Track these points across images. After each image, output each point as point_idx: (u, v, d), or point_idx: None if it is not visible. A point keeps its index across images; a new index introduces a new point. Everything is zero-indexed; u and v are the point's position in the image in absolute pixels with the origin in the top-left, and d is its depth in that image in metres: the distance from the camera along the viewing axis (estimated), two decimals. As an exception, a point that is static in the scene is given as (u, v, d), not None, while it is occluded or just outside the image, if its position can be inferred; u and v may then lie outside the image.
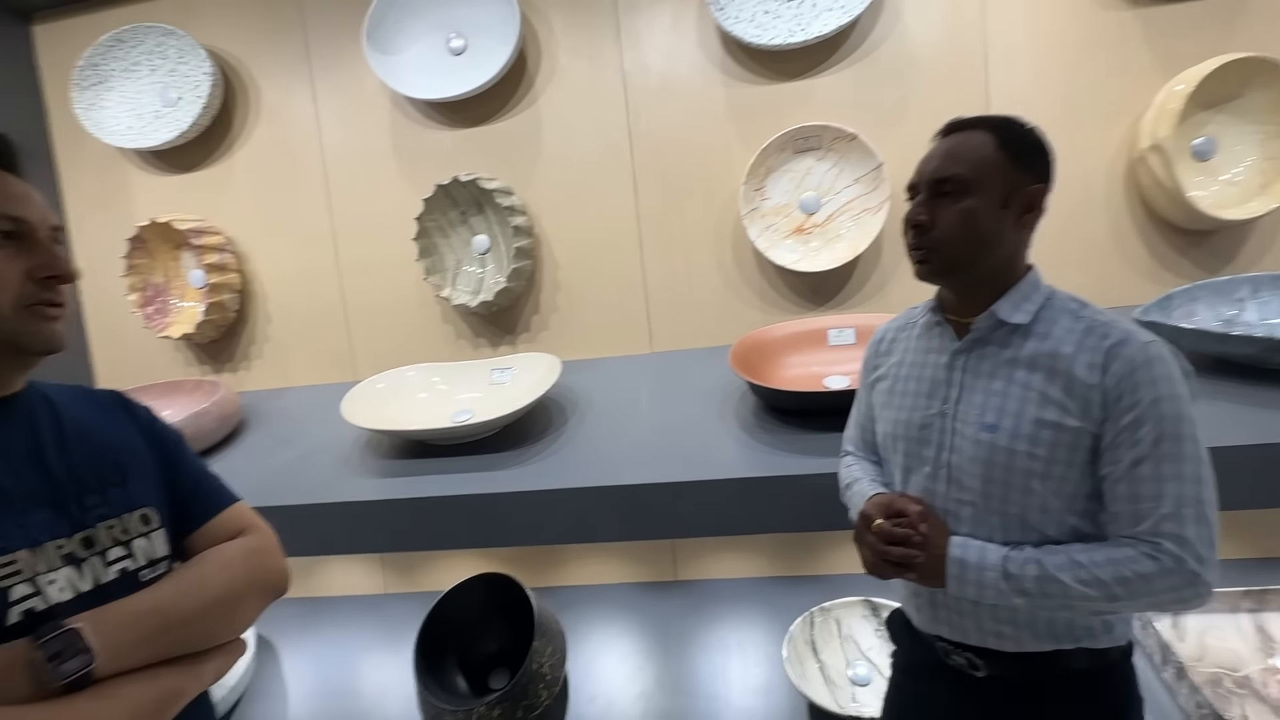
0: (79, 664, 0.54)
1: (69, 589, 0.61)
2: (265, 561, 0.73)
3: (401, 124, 1.55)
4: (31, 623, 0.57)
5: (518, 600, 1.38)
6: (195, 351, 1.69)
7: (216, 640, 0.67)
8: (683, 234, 1.47)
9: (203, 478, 0.77)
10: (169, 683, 0.61)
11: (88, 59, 1.56)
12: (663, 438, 1.23)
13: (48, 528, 0.62)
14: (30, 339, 0.63)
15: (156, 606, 0.62)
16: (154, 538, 0.69)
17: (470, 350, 1.57)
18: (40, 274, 0.62)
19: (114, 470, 0.68)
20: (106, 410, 0.74)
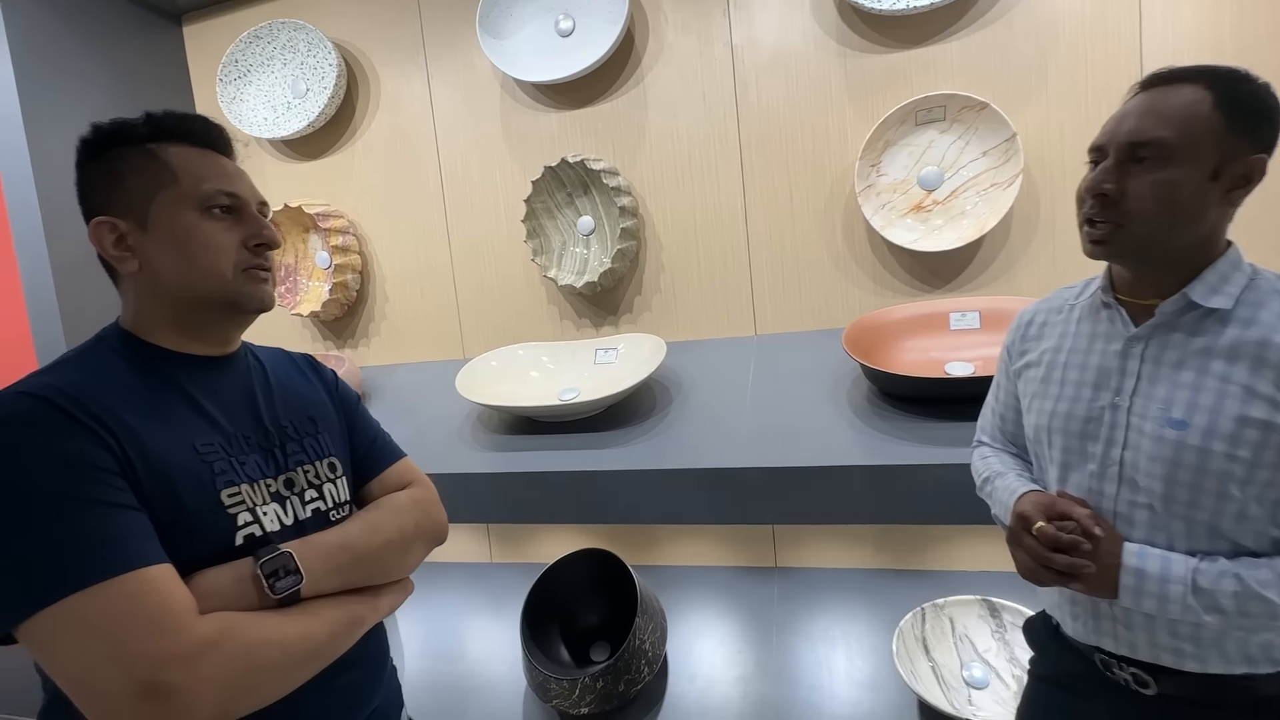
0: (291, 582, 0.64)
1: (277, 522, 0.71)
2: (429, 511, 0.83)
3: (511, 107, 1.58)
4: (250, 546, 0.67)
5: (619, 576, 1.40)
6: (320, 328, 1.81)
7: (390, 577, 0.76)
8: (790, 213, 1.43)
9: (377, 434, 0.88)
10: (355, 609, 0.70)
11: (230, 55, 1.68)
12: (769, 422, 1.20)
13: (259, 468, 0.72)
14: (246, 299, 0.71)
15: (347, 541, 0.72)
16: (339, 484, 0.79)
17: (574, 330, 1.60)
18: (252, 241, 0.71)
19: (309, 422, 0.79)
20: (301, 370, 0.86)
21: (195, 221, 0.68)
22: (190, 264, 0.69)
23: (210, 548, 0.64)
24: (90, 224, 0.68)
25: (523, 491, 1.26)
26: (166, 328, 0.71)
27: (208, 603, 0.60)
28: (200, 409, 0.69)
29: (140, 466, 0.61)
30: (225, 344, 0.75)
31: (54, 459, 0.57)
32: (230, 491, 0.67)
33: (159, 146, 0.70)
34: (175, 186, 0.69)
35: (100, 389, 0.63)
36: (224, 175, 0.71)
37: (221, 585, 0.62)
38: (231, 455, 0.69)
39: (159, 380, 0.68)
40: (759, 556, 1.60)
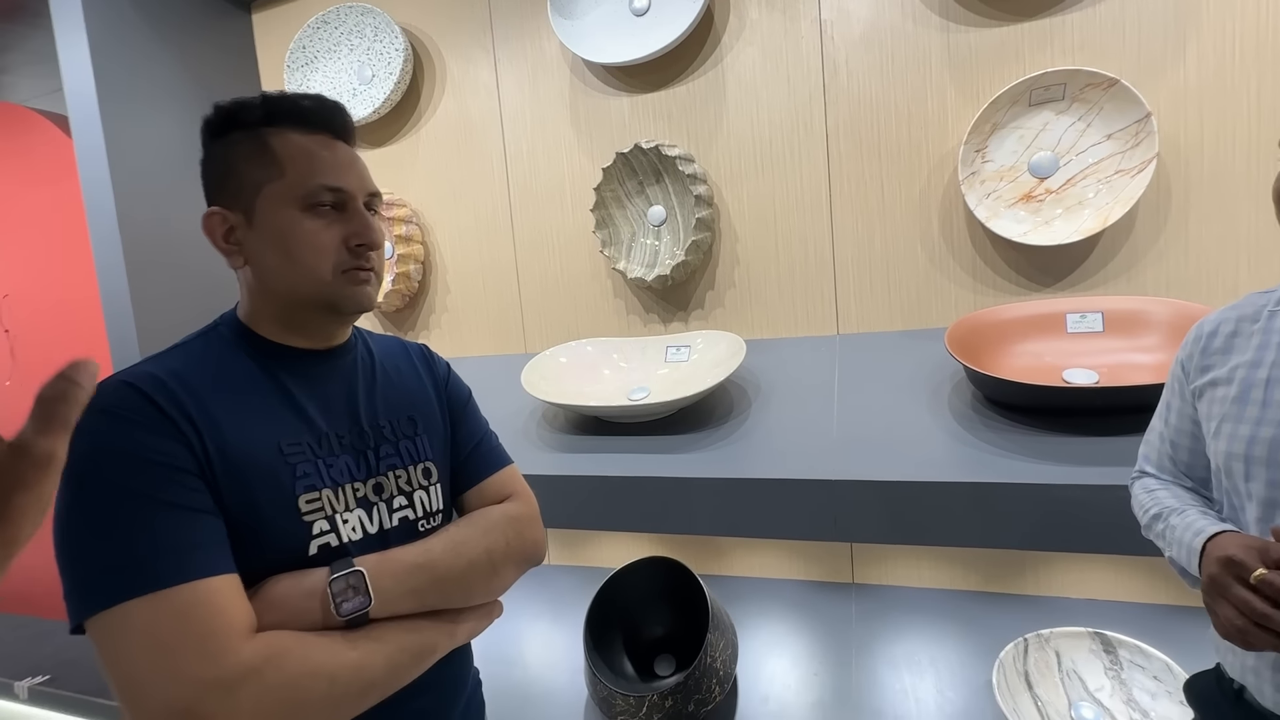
0: (357, 605, 0.59)
1: (359, 530, 0.66)
2: (524, 530, 0.75)
3: (580, 91, 1.51)
4: (325, 556, 0.62)
5: (686, 586, 1.33)
6: (382, 319, 1.78)
7: (473, 601, 0.70)
8: (881, 204, 1.32)
9: (483, 438, 0.82)
10: (427, 636, 0.64)
11: (297, 41, 1.66)
12: (860, 430, 1.10)
13: (348, 471, 0.67)
14: (344, 301, 0.67)
15: (427, 561, 0.66)
16: (432, 491, 0.74)
17: (641, 326, 1.52)
18: (353, 241, 0.66)
19: (408, 423, 0.74)
20: (412, 363, 0.80)
21: (297, 219, 0.65)
22: (289, 264, 0.66)
23: (283, 556, 0.60)
24: (205, 213, 0.66)
25: (588, 496, 1.19)
26: (271, 322, 0.69)
27: (272, 614, 0.57)
28: (296, 405, 0.66)
29: (219, 465, 0.58)
30: (330, 339, 0.72)
31: (135, 455, 0.55)
32: (309, 497, 0.63)
33: (271, 132, 0.66)
34: (281, 180, 0.65)
35: (197, 380, 0.61)
36: (333, 168, 0.66)
37: (290, 597, 0.58)
38: (319, 456, 0.65)
39: (260, 373, 0.66)
40: (834, 571, 1.50)
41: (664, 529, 1.18)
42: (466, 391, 0.86)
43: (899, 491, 0.98)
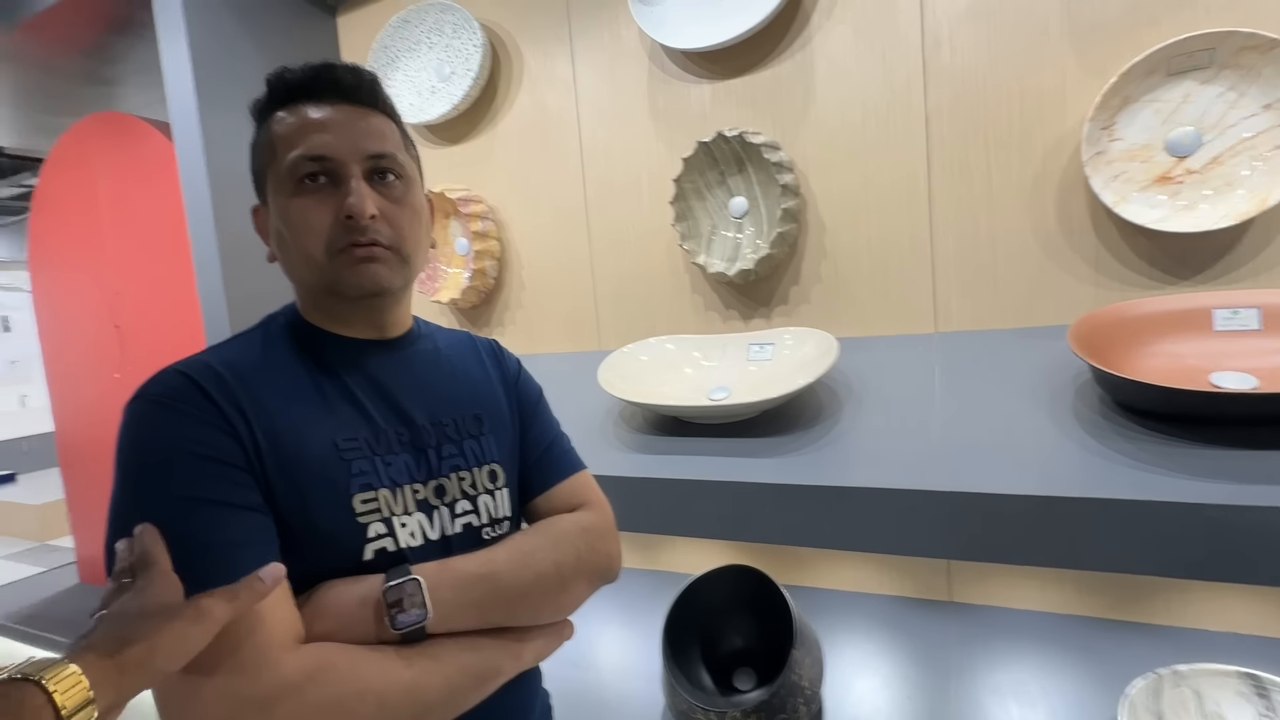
0: (414, 618, 0.54)
1: (419, 535, 0.60)
2: (596, 544, 0.68)
3: (659, 80, 1.46)
4: (381, 562, 0.57)
5: (767, 596, 1.26)
6: (458, 315, 1.79)
7: (540, 619, 0.63)
8: (988, 190, 1.21)
9: (554, 440, 0.75)
10: (489, 657, 0.58)
11: (379, 42, 1.69)
12: (967, 436, 1.01)
13: (408, 471, 0.61)
14: (343, 284, 0.60)
15: (491, 572, 0.59)
16: (499, 496, 0.67)
17: (719, 323, 1.46)
18: (342, 214, 0.59)
19: (474, 422, 0.67)
20: (480, 358, 0.74)
21: (289, 200, 0.60)
22: (286, 250, 0.61)
23: (338, 559, 0.56)
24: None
25: (665, 499, 1.14)
26: (316, 311, 0.64)
27: (321, 624, 0.52)
28: (354, 399, 0.61)
29: (269, 459, 0.54)
30: (379, 328, 0.66)
31: (178, 448, 0.52)
32: (364, 496, 0.57)
33: (274, 117, 0.62)
34: (276, 162, 0.61)
35: (252, 371, 0.57)
36: (314, 135, 0.59)
37: (342, 605, 0.54)
38: (377, 454, 0.59)
39: (315, 364, 0.61)
40: (929, 587, 1.39)
41: (744, 536, 1.12)
42: (538, 390, 0.79)
43: (1015, 507, 0.89)
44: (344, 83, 0.62)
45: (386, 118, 0.65)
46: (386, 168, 0.62)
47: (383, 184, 0.62)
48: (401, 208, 0.62)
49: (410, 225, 0.63)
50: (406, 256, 0.63)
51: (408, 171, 0.64)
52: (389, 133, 0.63)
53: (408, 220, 0.63)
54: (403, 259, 0.63)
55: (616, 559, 0.71)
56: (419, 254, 0.66)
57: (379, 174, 0.62)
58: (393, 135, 0.64)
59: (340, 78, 0.62)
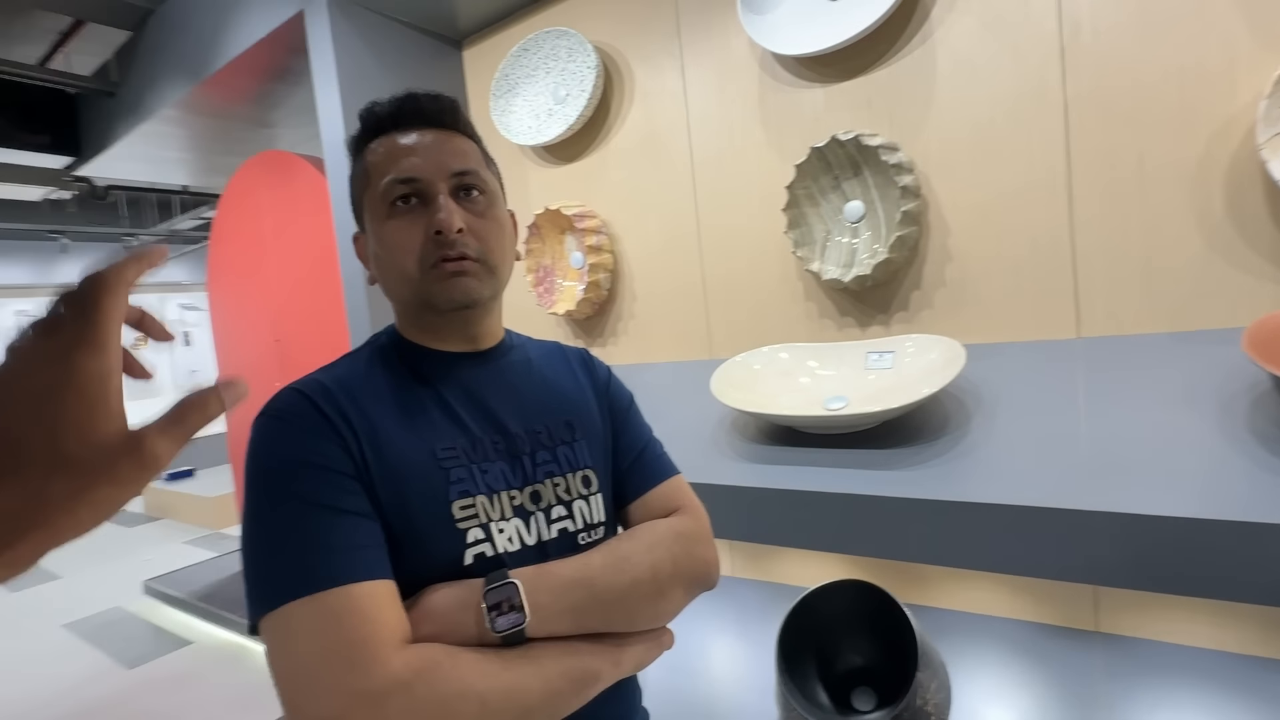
0: (511, 621, 0.55)
1: (516, 540, 0.62)
2: (692, 548, 0.67)
3: (769, 87, 1.45)
4: (481, 567, 0.59)
5: (887, 614, 1.21)
6: (574, 326, 1.86)
7: (637, 625, 0.63)
8: (1139, 182, 1.10)
9: (647, 446, 0.75)
10: (587, 662, 0.58)
11: (501, 70, 1.80)
12: (1114, 451, 0.92)
13: (504, 478, 0.64)
14: (436, 298, 0.64)
15: (586, 577, 0.60)
16: (593, 501, 0.68)
17: (835, 331, 1.43)
18: (431, 230, 0.62)
19: (566, 428, 0.69)
20: (571, 367, 0.76)
21: (384, 222, 0.64)
22: (384, 270, 0.65)
23: (440, 564, 0.58)
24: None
25: (780, 509, 1.13)
26: (413, 328, 0.68)
27: (427, 625, 0.54)
28: (450, 410, 0.64)
29: (376, 469, 0.57)
30: (472, 341, 0.69)
31: (295, 459, 0.56)
32: (463, 504, 0.60)
33: (367, 148, 0.67)
34: (370, 189, 0.65)
35: (359, 386, 0.62)
36: (403, 160, 0.63)
37: (446, 607, 0.56)
38: (474, 462, 0.62)
39: (414, 379, 0.65)
40: (1072, 615, 1.28)
41: (862, 551, 1.08)
42: (628, 396, 0.80)
43: (1176, 531, 0.80)
44: (426, 109, 0.66)
45: (467, 138, 0.69)
46: (470, 184, 0.66)
47: (468, 199, 0.66)
48: (486, 221, 0.66)
49: (495, 237, 0.67)
50: (493, 267, 0.67)
51: (490, 187, 0.68)
52: (470, 151, 0.68)
53: (493, 233, 0.66)
54: (490, 269, 0.66)
55: (714, 565, 0.70)
56: (505, 265, 0.69)
57: (464, 190, 0.65)
58: (474, 154, 0.68)
59: (422, 105, 0.66)
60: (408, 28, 1.89)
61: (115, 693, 2.93)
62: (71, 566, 4.94)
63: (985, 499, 0.93)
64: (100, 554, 5.22)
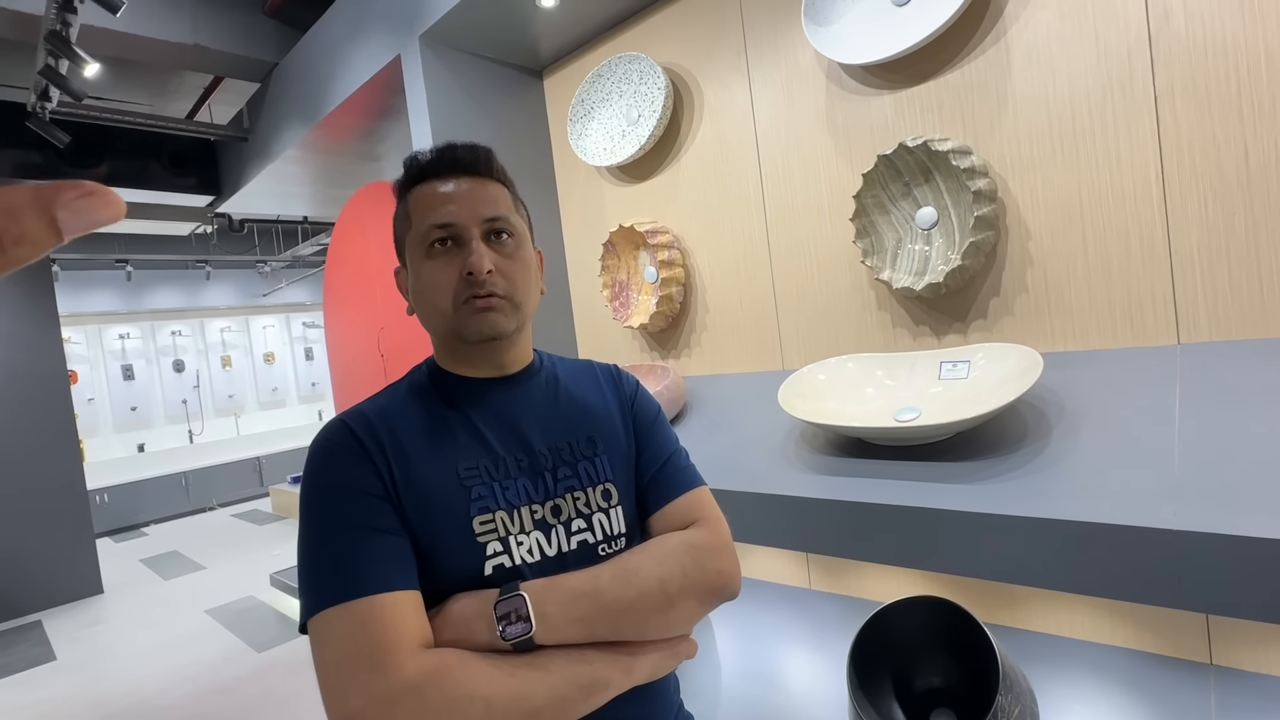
0: (519, 630, 0.59)
1: (536, 552, 0.67)
2: (705, 560, 0.68)
3: (836, 97, 1.45)
4: (500, 577, 0.64)
5: (968, 634, 1.16)
6: (647, 339, 1.91)
7: (647, 635, 0.65)
8: (1244, 174, 1.02)
9: (670, 458, 0.77)
10: (596, 670, 0.61)
11: (577, 96, 1.88)
12: (1217, 467, 0.85)
13: (525, 494, 0.68)
14: (467, 330, 0.70)
15: (594, 589, 0.63)
16: (613, 514, 0.71)
17: (909, 340, 1.39)
18: (464, 272, 0.69)
19: (588, 443, 0.73)
20: (598, 383, 0.80)
21: (422, 262, 0.70)
22: (422, 305, 0.72)
23: (462, 575, 0.63)
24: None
25: (849, 522, 1.12)
26: (447, 357, 0.75)
27: (448, 632, 0.60)
28: (475, 431, 0.70)
29: (404, 489, 0.64)
30: (500, 367, 0.75)
31: (340, 484, 0.63)
32: (483, 519, 0.65)
33: (410, 193, 0.74)
34: (411, 230, 0.72)
35: (395, 415, 0.69)
36: (441, 207, 0.70)
37: (465, 615, 0.61)
38: (495, 479, 0.67)
39: (447, 405, 0.71)
40: (1180, 645, 1.18)
41: (934, 567, 1.05)
42: (655, 410, 0.81)
43: (1266, 551, 0.73)
44: (463, 159, 0.73)
45: (500, 184, 0.75)
46: (500, 228, 0.72)
47: (497, 242, 0.72)
48: (514, 262, 0.72)
49: (521, 276, 0.72)
50: (519, 303, 0.72)
51: (518, 230, 0.74)
52: (501, 198, 0.73)
53: (519, 272, 0.72)
54: (515, 305, 0.72)
55: (729, 575, 0.70)
56: (529, 301, 0.75)
57: (494, 234, 0.71)
58: (505, 199, 0.74)
59: (460, 155, 0.73)
60: (492, 62, 2.02)
61: (247, 673, 3.25)
62: (215, 559, 5.53)
63: (1065, 515, 0.89)
64: (238, 547, 5.80)
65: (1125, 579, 0.84)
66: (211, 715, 2.89)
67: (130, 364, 8.18)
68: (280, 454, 8.37)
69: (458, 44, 1.94)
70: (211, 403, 8.80)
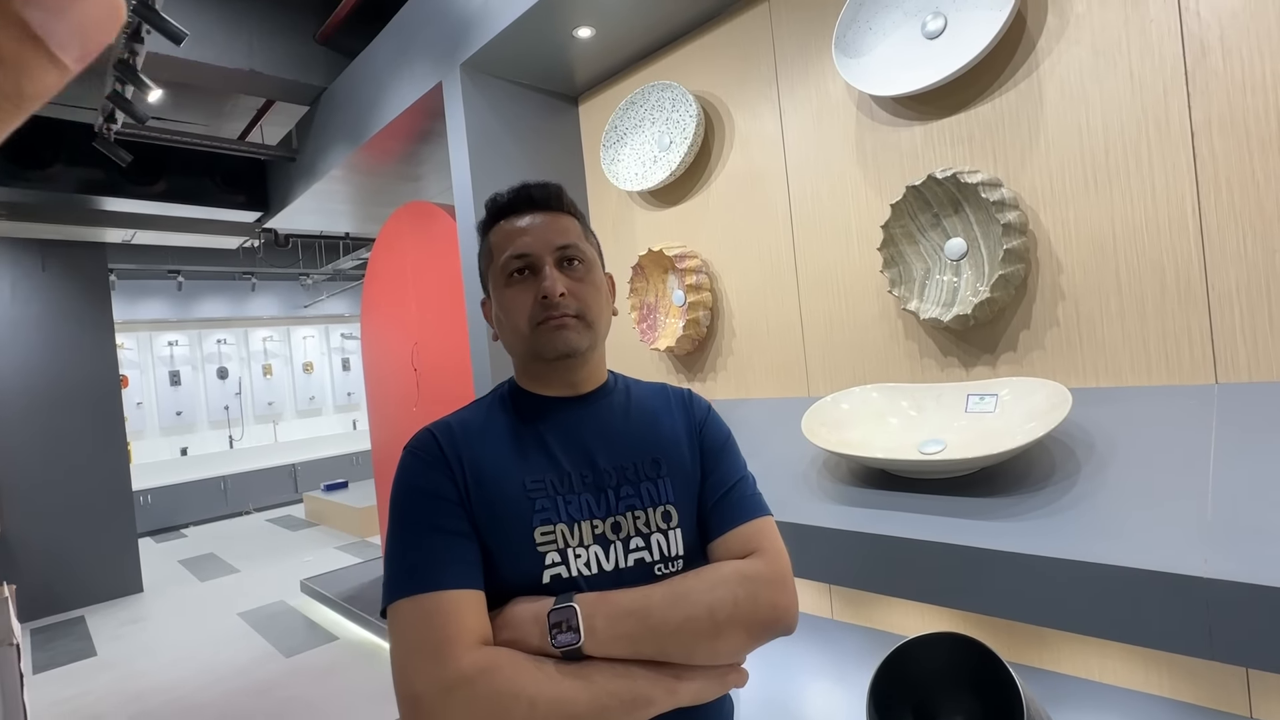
0: (569, 639, 0.63)
1: (593, 565, 0.70)
2: (759, 592, 0.69)
3: (866, 128, 1.45)
4: (557, 586, 0.68)
5: (991, 672, 1.13)
6: (674, 362, 1.93)
7: (694, 660, 0.66)
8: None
9: (735, 486, 0.78)
10: (639, 686, 0.63)
11: (610, 123, 1.93)
12: (1252, 512, 0.83)
13: (587, 509, 0.72)
14: (543, 348, 0.75)
15: (642, 608, 0.66)
16: (672, 535, 0.73)
17: (937, 371, 1.38)
18: (539, 295, 0.74)
19: (652, 465, 0.76)
20: (669, 406, 0.83)
21: (503, 290, 0.77)
22: (504, 328, 0.78)
23: (522, 581, 0.68)
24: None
25: (871, 555, 1.11)
26: (526, 377, 0.80)
27: (505, 632, 0.65)
28: (545, 447, 0.74)
29: (475, 497, 0.69)
30: (573, 386, 0.79)
31: (421, 487, 0.70)
32: (544, 530, 0.69)
33: (491, 230, 0.80)
34: (494, 264, 0.78)
35: (474, 428, 0.75)
36: (518, 239, 0.76)
37: (522, 619, 0.65)
38: (560, 494, 0.71)
39: (520, 421, 0.77)
40: (1218, 696, 1.14)
41: (957, 605, 1.04)
42: (723, 436, 0.83)
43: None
44: (536, 197, 0.79)
45: (571, 216, 0.81)
46: (572, 255, 0.77)
47: (570, 268, 0.77)
48: (585, 285, 0.77)
49: (592, 298, 0.78)
50: (591, 322, 0.77)
51: (588, 256, 0.79)
52: (572, 228, 0.79)
53: (590, 294, 0.77)
54: (588, 324, 0.77)
55: (784, 610, 0.70)
56: (601, 320, 0.80)
57: (566, 261, 0.77)
58: (575, 229, 0.80)
59: (533, 194, 0.79)
60: (529, 89, 2.09)
61: (275, 676, 3.32)
62: (249, 562, 5.67)
63: (1089, 558, 0.87)
64: (270, 553, 5.94)
65: (1151, 626, 0.82)
66: (243, 714, 2.96)
67: (177, 370, 8.51)
68: (315, 461, 8.58)
69: (497, 72, 2.01)
70: (252, 409, 9.08)
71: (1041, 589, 0.91)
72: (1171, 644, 0.80)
